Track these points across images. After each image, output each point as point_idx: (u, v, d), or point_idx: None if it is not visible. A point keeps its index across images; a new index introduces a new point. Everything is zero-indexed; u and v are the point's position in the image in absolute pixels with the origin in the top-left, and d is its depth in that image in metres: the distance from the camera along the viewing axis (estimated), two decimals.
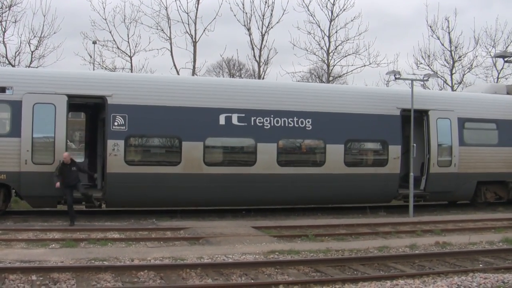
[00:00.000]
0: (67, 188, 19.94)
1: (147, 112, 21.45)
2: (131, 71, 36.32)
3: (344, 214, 24.34)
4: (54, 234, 17.71)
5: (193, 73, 36.52)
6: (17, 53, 33.96)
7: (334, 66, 40.52)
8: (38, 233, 17.87)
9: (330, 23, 39.04)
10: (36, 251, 15.21)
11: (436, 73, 39.90)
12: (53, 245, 16.16)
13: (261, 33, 37.84)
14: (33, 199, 21.01)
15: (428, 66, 42.19)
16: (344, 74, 42.32)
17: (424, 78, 26.10)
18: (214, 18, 36.49)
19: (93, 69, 37.09)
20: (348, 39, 39.47)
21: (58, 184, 19.73)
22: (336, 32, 39.22)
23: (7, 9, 33.46)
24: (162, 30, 36.61)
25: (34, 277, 12.37)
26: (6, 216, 20.86)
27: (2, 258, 14.00)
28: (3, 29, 33.68)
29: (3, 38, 33.62)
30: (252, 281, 12.69)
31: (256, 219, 21.92)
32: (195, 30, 36.60)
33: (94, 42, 37.74)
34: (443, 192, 25.70)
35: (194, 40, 36.58)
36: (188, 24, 36.42)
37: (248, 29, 37.77)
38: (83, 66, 37.72)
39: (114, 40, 36.41)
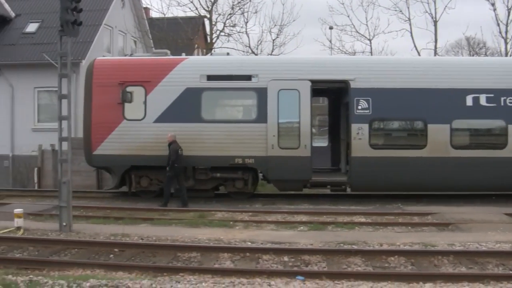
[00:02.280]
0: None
1: (390, 95, 20.99)
2: (371, 54, 35.99)
3: None
4: (301, 217, 17.88)
5: (435, 53, 35.29)
6: (259, 42, 35.18)
7: None
8: (286, 216, 18.14)
9: None
10: (285, 233, 15.44)
11: None
12: (301, 227, 16.30)
13: (507, 7, 35.48)
14: (280, 182, 21.57)
15: None
16: None
17: None
18: None
19: (331, 54, 37.32)
20: None
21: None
22: None
23: (248, 0, 34.75)
24: (401, 11, 35.81)
25: (286, 258, 12.54)
26: (255, 199, 21.59)
27: (254, 238, 14.39)
28: (245, 20, 35.06)
29: (246, 29, 34.97)
30: (511, 272, 11.77)
31: (508, 206, 20.49)
32: (435, 9, 35.31)
33: (331, 28, 37.99)
34: None
35: (434, 19, 35.33)
36: (428, 3, 35.25)
37: (492, 4, 35.60)
38: (322, 52, 38.14)
39: (352, 24, 36.32)
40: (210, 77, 21.28)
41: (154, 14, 39.03)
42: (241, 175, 21.32)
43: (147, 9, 40.74)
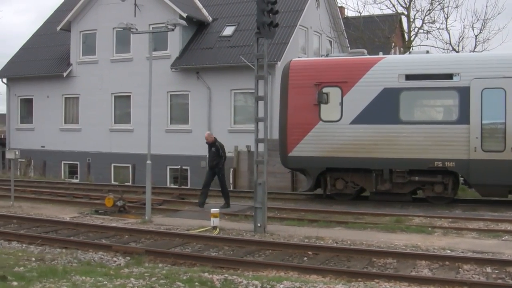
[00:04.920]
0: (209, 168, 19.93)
1: None
2: None
3: None
4: (506, 225, 16.67)
5: None
6: (461, 38, 33.70)
7: None
8: (488, 223, 17.04)
9: None
10: (488, 242, 14.51)
11: None
12: (506, 237, 15.17)
13: None
14: (482, 187, 20.39)
15: None
16: None
17: None
18: None
19: None
20: None
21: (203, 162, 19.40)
22: None
23: None
24: None
25: (488, 269, 11.67)
26: (454, 205, 20.55)
27: (454, 246, 13.67)
28: (446, 15, 33.71)
29: (446, 25, 33.66)
30: None
31: None
32: None
33: None
34: None
35: None
36: None
37: None
38: None
39: None
40: (408, 77, 20.56)
41: (349, 13, 38.72)
42: (440, 179, 20.41)
43: (342, 8, 40.60)
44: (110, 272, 10.64)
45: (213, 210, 16.10)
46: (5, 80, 39.21)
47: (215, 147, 20.14)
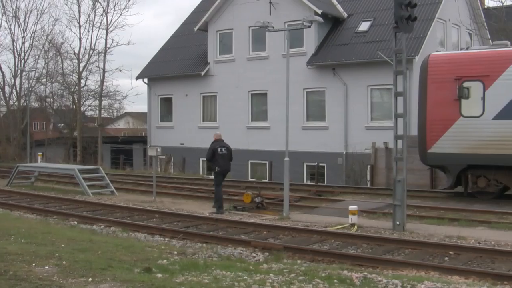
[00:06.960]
0: None
1: None
2: None
3: None
4: None
5: None
6: None
7: None
8: None
9: None
10: None
11: None
12: None
13: None
14: None
15: None
16: None
17: None
18: None
19: None
20: None
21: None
22: None
23: None
24: None
25: None
26: None
27: None
28: None
29: None
30: None
31: None
32: None
33: None
34: None
35: None
36: None
37: None
38: None
39: None
40: None
41: (490, 3, 37.17)
42: None
43: None
44: (250, 267, 10.76)
45: (351, 208, 15.97)
46: (146, 80, 40.85)
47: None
